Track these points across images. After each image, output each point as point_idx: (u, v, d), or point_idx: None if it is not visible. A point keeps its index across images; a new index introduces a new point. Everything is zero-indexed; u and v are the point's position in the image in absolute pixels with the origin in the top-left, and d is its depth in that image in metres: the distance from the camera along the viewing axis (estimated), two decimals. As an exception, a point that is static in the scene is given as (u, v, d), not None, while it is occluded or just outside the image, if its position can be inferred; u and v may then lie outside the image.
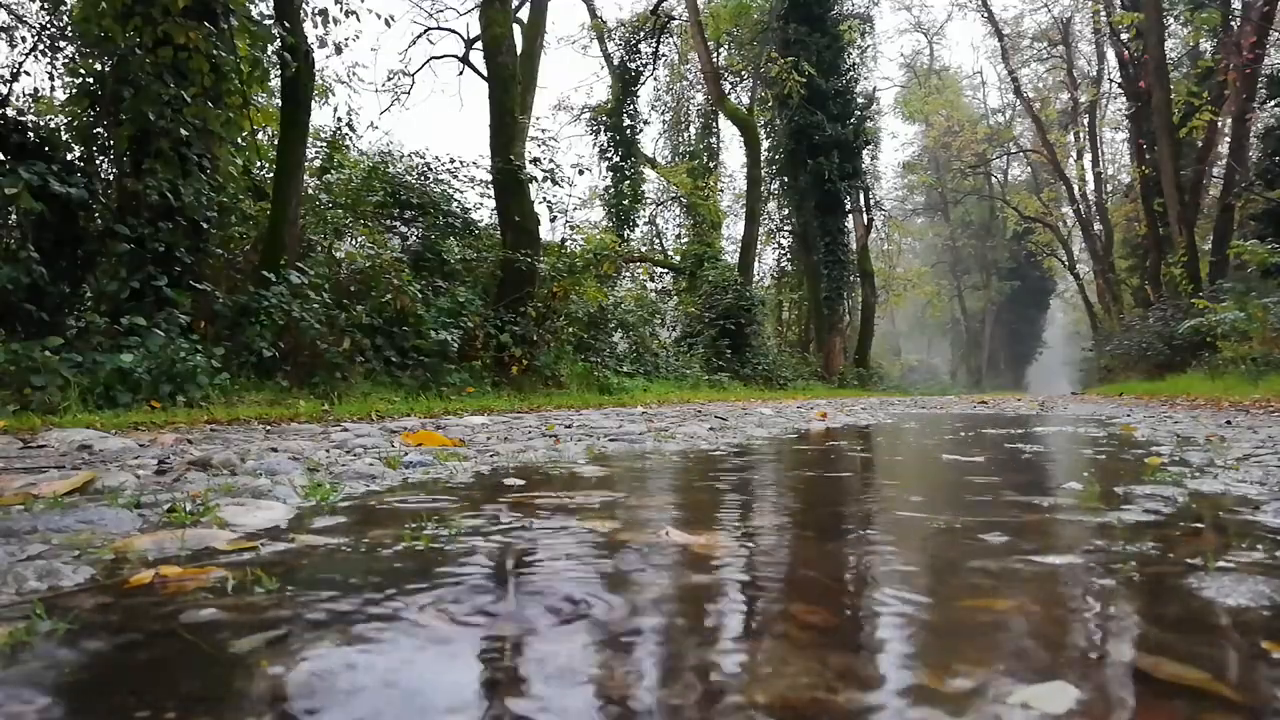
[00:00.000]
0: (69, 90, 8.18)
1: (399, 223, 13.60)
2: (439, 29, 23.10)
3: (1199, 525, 1.73)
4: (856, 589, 1.22)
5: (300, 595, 1.15)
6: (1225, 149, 23.25)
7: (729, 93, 27.42)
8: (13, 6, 9.29)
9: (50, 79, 8.97)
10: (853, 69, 27.85)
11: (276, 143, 10.24)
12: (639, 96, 27.93)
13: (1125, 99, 29.50)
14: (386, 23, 11.07)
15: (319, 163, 13.31)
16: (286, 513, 1.84)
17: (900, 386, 34.54)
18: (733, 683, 0.84)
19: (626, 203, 26.39)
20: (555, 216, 17.67)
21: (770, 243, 31.10)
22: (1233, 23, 21.87)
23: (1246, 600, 1.11)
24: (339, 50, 9.79)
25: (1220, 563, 1.33)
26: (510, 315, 11.61)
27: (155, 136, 7.56)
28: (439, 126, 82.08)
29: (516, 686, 0.83)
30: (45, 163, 7.09)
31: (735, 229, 30.02)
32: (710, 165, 28.91)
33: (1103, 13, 28.42)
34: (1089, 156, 36.43)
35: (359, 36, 47.97)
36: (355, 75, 29.12)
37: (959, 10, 57.88)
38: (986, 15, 36.00)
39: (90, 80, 7.84)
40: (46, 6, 8.89)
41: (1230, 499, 2.06)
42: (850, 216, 29.08)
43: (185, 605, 1.09)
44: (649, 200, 29.03)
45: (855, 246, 29.23)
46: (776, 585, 1.25)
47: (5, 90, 8.20)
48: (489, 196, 13.92)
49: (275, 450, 3.31)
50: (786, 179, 27.98)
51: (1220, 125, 22.57)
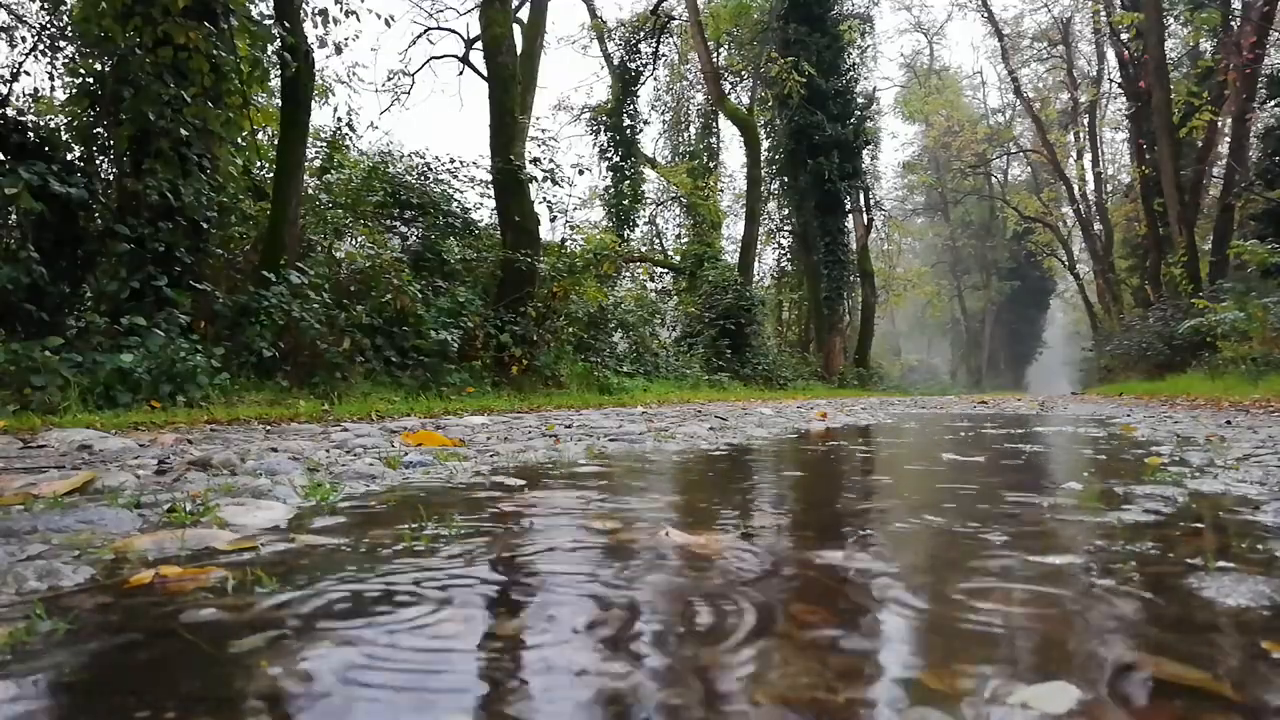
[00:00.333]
0: (69, 90, 8.18)
1: (399, 223, 13.60)
2: (439, 29, 23.13)
3: (1199, 525, 1.73)
4: (856, 589, 1.22)
5: (300, 595, 1.15)
6: (1225, 149, 23.25)
7: (729, 93, 27.42)
8: (13, 6, 9.30)
9: (50, 79, 8.98)
10: (853, 69, 27.84)
11: (276, 143, 10.24)
12: (639, 96, 27.95)
13: (1125, 99, 29.50)
14: (386, 23, 11.07)
15: (319, 163, 13.31)
16: (286, 513, 1.84)
17: (900, 386, 34.54)
18: (733, 682, 0.83)
19: (626, 203, 26.39)
20: (555, 216, 17.71)
21: (770, 243, 31.12)
22: (1233, 23, 21.87)
23: (1246, 600, 1.11)
24: (339, 50, 9.79)
25: (1220, 563, 1.33)
26: (510, 315, 11.61)
27: (155, 136, 7.56)
28: (439, 126, 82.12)
29: (516, 686, 0.83)
30: (45, 163, 7.09)
31: (735, 229, 30.06)
32: (710, 165, 28.90)
33: (1103, 13, 28.42)
34: (1089, 156, 36.46)
35: (359, 36, 48.07)
36: (355, 75, 29.18)
37: (959, 10, 58.01)
38: (986, 15, 36.02)
39: (90, 80, 7.84)
40: (46, 6, 8.89)
41: (1230, 499, 2.06)
42: (850, 216, 29.08)
43: (185, 605, 1.09)
44: (649, 200, 29.04)
45: (855, 246, 29.23)
46: (776, 585, 1.25)
47: (5, 90, 8.20)
48: (489, 196, 13.93)
49: (275, 450, 3.31)
50: (786, 179, 27.98)
51: (1220, 125, 22.57)
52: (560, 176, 14.09)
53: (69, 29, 8.68)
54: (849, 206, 28.58)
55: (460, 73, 26.58)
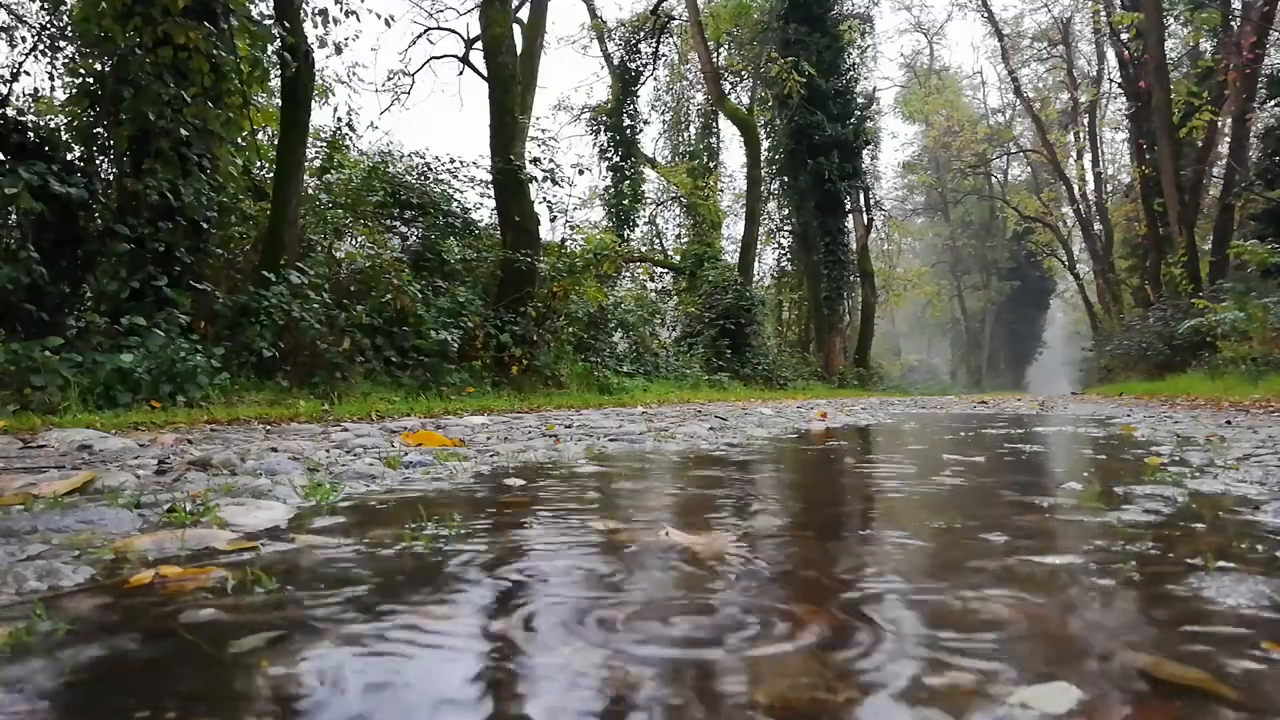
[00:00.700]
0: (69, 90, 8.18)
1: (399, 223, 13.60)
2: (439, 29, 23.12)
3: (1199, 525, 1.73)
4: (856, 589, 1.22)
5: (300, 595, 1.15)
6: (1225, 149, 23.25)
7: (729, 93, 27.42)
8: (13, 6, 9.30)
9: (50, 79, 8.98)
10: (853, 69, 27.85)
11: (276, 143, 10.24)
12: (639, 96, 27.95)
13: (1125, 99, 29.50)
14: (386, 23, 11.08)
15: (319, 163, 13.31)
16: (286, 513, 1.84)
17: (900, 386, 34.53)
18: (733, 682, 0.83)
19: (626, 203, 26.39)
20: (555, 216, 17.70)
21: (770, 243, 31.12)
22: (1233, 23, 21.87)
23: (1246, 600, 1.11)
24: (339, 50, 9.80)
25: (1220, 563, 1.33)
26: (510, 315, 11.62)
27: (155, 136, 7.56)
28: (439, 126, 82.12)
29: (516, 686, 0.83)
30: (45, 163, 7.09)
31: (735, 229, 30.06)
32: (710, 165, 28.90)
33: (1103, 13, 28.42)
34: (1089, 156, 36.46)
35: (359, 36, 48.07)
36: (355, 75, 29.15)
37: (959, 10, 57.93)
38: (986, 15, 36.02)
39: (90, 80, 7.84)
40: (46, 6, 8.89)
41: (1230, 499, 2.06)
42: (850, 216, 29.08)
43: (185, 605, 1.09)
44: (649, 200, 29.05)
45: (855, 246, 29.23)
46: (776, 584, 1.25)
47: (5, 90, 8.20)
48: (489, 196, 13.93)
49: (275, 450, 3.31)
50: (786, 179, 27.98)
51: (1220, 125, 22.57)
52: (560, 176, 14.11)
53: (69, 29, 8.68)
54: (849, 206, 28.59)
55: (460, 73, 26.60)
